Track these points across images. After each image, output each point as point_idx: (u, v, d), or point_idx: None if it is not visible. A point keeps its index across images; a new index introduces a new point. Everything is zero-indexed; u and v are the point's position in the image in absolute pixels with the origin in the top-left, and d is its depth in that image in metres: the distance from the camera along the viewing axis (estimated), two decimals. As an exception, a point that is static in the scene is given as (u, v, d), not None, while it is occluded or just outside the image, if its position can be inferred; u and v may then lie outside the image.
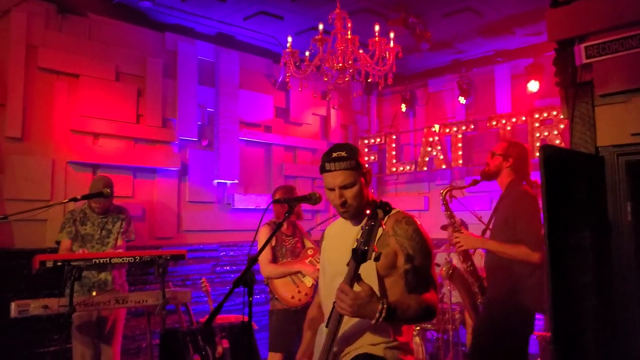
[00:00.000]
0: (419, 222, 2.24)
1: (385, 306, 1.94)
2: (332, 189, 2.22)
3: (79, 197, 3.09)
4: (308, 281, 4.33)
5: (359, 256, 1.89)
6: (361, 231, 1.89)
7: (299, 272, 4.33)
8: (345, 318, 2.09)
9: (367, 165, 2.29)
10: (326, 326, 2.13)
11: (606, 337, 2.66)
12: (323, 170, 2.23)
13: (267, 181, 6.45)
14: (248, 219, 6.02)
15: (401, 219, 2.21)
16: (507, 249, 3.32)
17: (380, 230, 1.96)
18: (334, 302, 2.09)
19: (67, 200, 3.07)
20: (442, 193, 3.86)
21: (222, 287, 5.71)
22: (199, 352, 4.62)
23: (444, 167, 6.62)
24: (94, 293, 4.05)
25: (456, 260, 4.21)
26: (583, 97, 2.94)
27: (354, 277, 1.95)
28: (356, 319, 2.14)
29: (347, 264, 2.00)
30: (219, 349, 4.73)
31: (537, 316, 3.50)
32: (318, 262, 4.32)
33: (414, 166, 6.96)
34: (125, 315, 4.51)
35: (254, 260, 2.10)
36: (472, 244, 3.55)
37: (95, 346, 4.28)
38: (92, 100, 4.99)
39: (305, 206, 6.58)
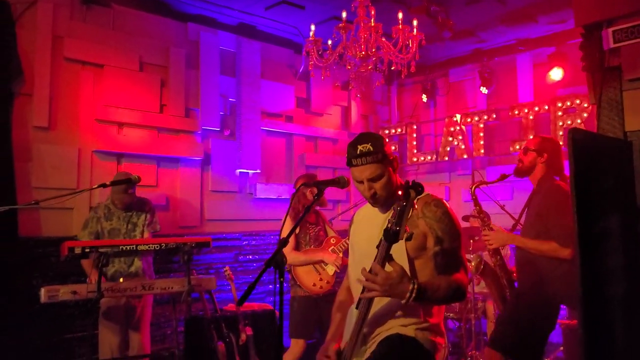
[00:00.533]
0: (447, 205, 2.25)
1: (415, 286, 1.95)
2: (361, 182, 2.25)
3: (107, 182, 3.14)
4: (330, 269, 4.35)
5: (390, 236, 1.89)
6: (392, 212, 1.90)
7: (322, 260, 4.36)
8: (376, 299, 2.11)
9: (393, 154, 2.30)
10: (356, 308, 2.15)
11: (636, 322, 2.64)
12: (350, 164, 2.25)
13: (288, 171, 6.47)
14: (270, 209, 6.05)
15: (430, 201, 2.23)
16: (537, 245, 3.32)
17: (412, 211, 1.96)
18: (363, 289, 2.11)
19: (96, 186, 3.12)
20: (471, 189, 3.85)
21: (245, 275, 5.76)
22: (223, 339, 4.67)
23: (465, 156, 6.59)
24: (121, 280, 4.12)
25: (485, 254, 4.20)
26: (611, 81, 2.92)
27: (385, 257, 1.96)
28: (387, 301, 2.16)
29: (378, 246, 2.01)
30: (243, 336, 4.78)
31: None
32: (340, 251, 4.35)
33: (434, 156, 6.94)
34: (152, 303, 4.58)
35: (284, 242, 2.12)
36: (502, 241, 3.55)
37: (121, 333, 4.35)
38: (117, 90, 5.05)
39: (325, 196, 6.61)
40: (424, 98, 7.18)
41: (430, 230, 2.18)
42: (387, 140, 7.12)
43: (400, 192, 1.92)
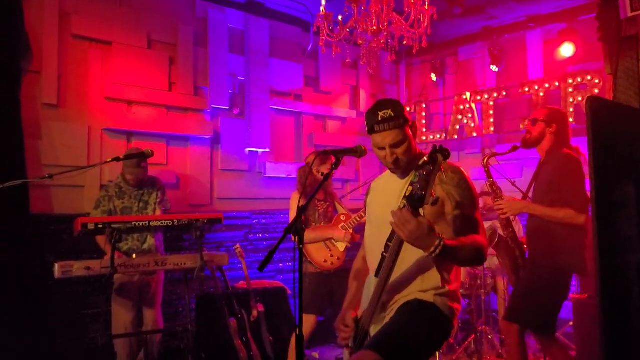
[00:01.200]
0: (464, 171, 2.25)
1: (442, 242, 1.93)
2: (383, 148, 2.24)
3: (121, 156, 3.14)
4: (341, 246, 4.36)
5: (415, 201, 1.86)
6: (416, 177, 1.88)
7: (332, 238, 4.36)
8: (395, 268, 2.10)
9: (411, 119, 2.29)
10: (375, 276, 2.15)
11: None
12: (372, 131, 2.24)
13: (297, 150, 6.46)
14: (279, 188, 6.05)
15: (447, 168, 2.23)
16: (553, 212, 3.32)
17: (438, 174, 1.95)
18: (383, 253, 2.11)
19: (109, 159, 3.11)
20: (483, 161, 3.83)
21: (255, 254, 5.77)
22: (235, 315, 4.70)
23: (474, 135, 6.56)
24: (134, 256, 4.14)
25: (498, 227, 4.19)
26: (628, 51, 2.88)
27: (412, 214, 1.90)
28: (406, 268, 2.16)
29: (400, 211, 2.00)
30: (254, 313, 4.81)
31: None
32: (351, 227, 4.35)
33: (444, 135, 6.91)
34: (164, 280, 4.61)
35: (303, 208, 2.12)
36: (516, 209, 3.52)
37: (135, 310, 4.38)
38: (125, 67, 5.03)
39: (334, 175, 6.61)
40: (433, 77, 7.12)
41: (448, 196, 2.18)
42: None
43: (425, 158, 1.89)
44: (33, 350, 4.10)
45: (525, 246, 3.69)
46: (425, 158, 1.89)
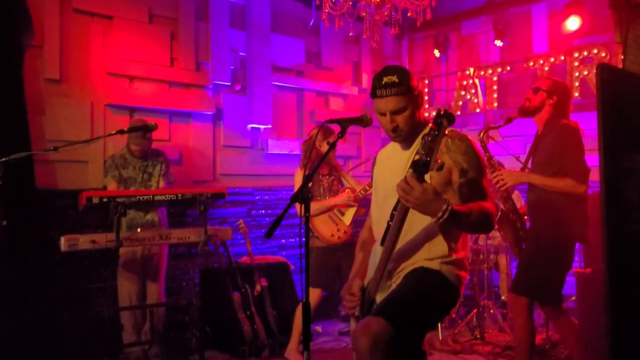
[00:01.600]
0: (471, 139, 2.24)
1: (449, 207, 1.92)
2: (384, 114, 2.22)
3: (125, 129, 3.12)
4: (347, 219, 4.37)
5: (420, 167, 1.85)
6: (421, 143, 1.86)
7: (334, 205, 4.35)
8: (401, 236, 2.10)
9: (418, 89, 2.27)
10: (381, 244, 2.15)
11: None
12: (374, 95, 2.23)
13: (299, 127, 6.43)
14: (282, 164, 6.04)
15: (454, 136, 2.21)
16: (553, 182, 3.31)
17: (445, 141, 1.93)
18: (388, 221, 2.11)
19: (114, 132, 3.10)
20: (479, 135, 3.81)
21: (258, 230, 5.78)
22: (239, 289, 4.73)
23: (478, 110, 6.53)
24: (138, 229, 4.14)
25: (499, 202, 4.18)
26: (637, 19, 2.85)
27: (418, 180, 1.90)
28: (412, 236, 2.16)
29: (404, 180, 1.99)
30: (258, 287, 4.84)
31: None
32: (356, 201, 4.35)
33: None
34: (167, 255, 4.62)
35: (309, 176, 2.12)
36: (515, 179, 3.49)
37: (139, 283, 4.41)
38: (127, 42, 4.99)
39: (337, 152, 6.59)
40: (436, 53, 7.06)
41: (455, 164, 2.17)
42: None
43: (431, 125, 1.88)
44: (40, 324, 4.13)
45: (526, 217, 3.69)
46: (431, 124, 1.87)
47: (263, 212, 5.88)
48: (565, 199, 3.33)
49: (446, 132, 1.86)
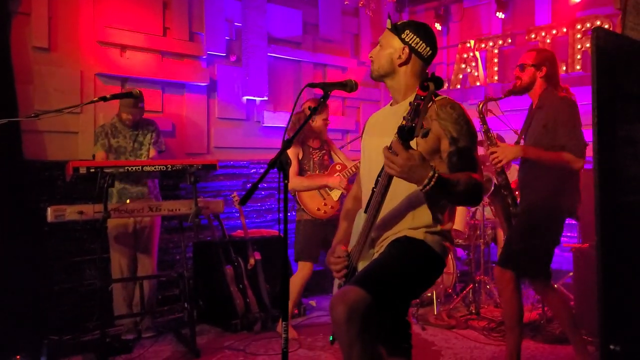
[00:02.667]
0: (464, 107, 2.15)
1: (436, 174, 1.84)
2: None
3: (108, 96, 3.04)
4: (335, 195, 4.32)
5: (405, 133, 1.76)
6: (409, 107, 1.78)
7: (326, 185, 4.30)
8: (385, 204, 2.03)
9: (420, 44, 2.19)
10: (365, 212, 2.08)
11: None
12: None
13: (296, 99, 6.32)
14: (278, 137, 5.96)
15: (445, 103, 2.12)
16: (550, 156, 3.23)
17: (429, 112, 1.85)
18: (373, 188, 2.04)
19: (96, 99, 3.01)
20: (478, 106, 3.72)
21: (253, 203, 5.74)
22: (232, 263, 4.69)
23: (478, 83, 6.41)
24: (127, 201, 4.09)
25: (492, 176, 4.10)
26: (639, -16, 2.73)
27: (403, 146, 1.82)
28: (396, 204, 2.09)
29: (389, 148, 1.92)
30: (251, 261, 4.80)
31: (569, 229, 3.45)
32: (346, 177, 4.29)
33: (446, 85, 6.75)
34: (160, 228, 4.57)
35: (289, 142, 2.04)
36: (511, 154, 3.36)
37: (132, 256, 4.38)
38: (117, 10, 4.88)
39: (334, 125, 6.48)
40: (438, 27, 6.92)
41: (445, 132, 2.07)
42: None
43: (417, 88, 1.79)
44: (29, 297, 4.10)
45: (517, 193, 3.62)
46: (417, 88, 1.79)
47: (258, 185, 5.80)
48: (559, 172, 3.26)
49: (434, 96, 1.77)
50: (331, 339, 2.25)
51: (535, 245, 3.29)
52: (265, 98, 5.87)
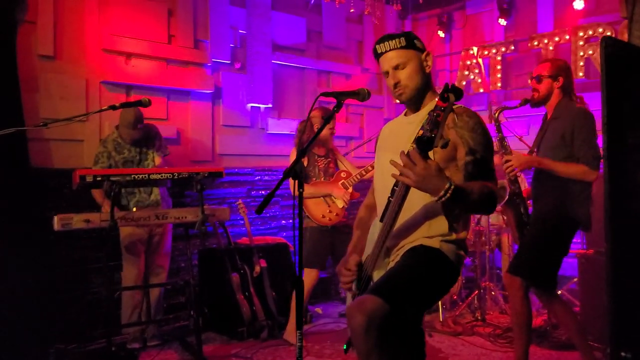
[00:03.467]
0: (479, 115, 2.16)
1: (452, 186, 1.84)
2: (387, 73, 2.18)
3: (117, 104, 3.05)
4: (340, 202, 4.32)
5: (424, 143, 1.77)
6: (427, 117, 1.78)
7: (330, 194, 4.31)
8: (402, 214, 2.03)
9: (425, 48, 2.19)
10: (380, 220, 2.08)
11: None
12: (376, 55, 2.19)
13: (300, 106, 6.34)
14: (282, 144, 5.96)
15: (462, 111, 2.13)
16: (565, 168, 3.25)
17: (452, 117, 1.86)
18: (389, 197, 2.04)
19: (106, 107, 3.03)
20: (494, 115, 3.72)
21: (257, 210, 5.71)
22: (237, 270, 4.69)
23: (481, 90, 6.43)
24: (134, 209, 4.09)
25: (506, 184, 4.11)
26: (646, -8, 2.75)
27: (420, 155, 1.83)
28: (412, 214, 2.09)
29: (407, 154, 1.93)
30: (257, 268, 4.80)
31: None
32: (350, 185, 4.30)
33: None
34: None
35: (303, 152, 2.05)
36: (527, 163, 3.38)
37: (143, 266, 4.36)
38: (123, 18, 4.89)
39: (338, 132, 6.49)
40: (441, 34, 6.95)
41: (462, 141, 2.08)
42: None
43: (437, 99, 1.80)
44: (36, 305, 4.10)
45: (529, 202, 3.63)
46: (437, 99, 1.80)
47: (263, 192, 5.81)
48: (575, 184, 3.28)
49: (453, 107, 1.79)
50: (345, 347, 2.24)
51: (547, 255, 3.31)
52: (270, 105, 5.88)
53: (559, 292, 4.41)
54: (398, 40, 2.13)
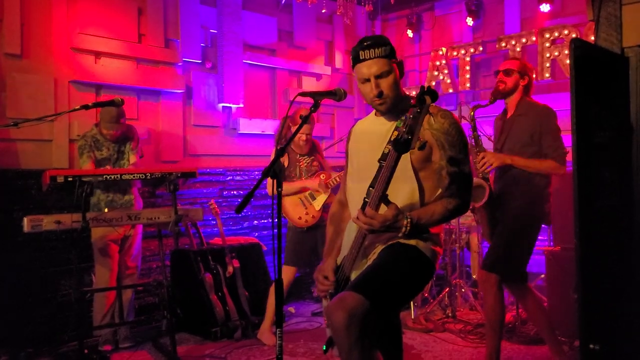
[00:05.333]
0: (455, 115, 2.19)
1: (409, 220, 2.00)
2: (367, 80, 2.15)
3: (90, 104, 3.01)
4: (317, 204, 4.31)
5: (400, 145, 1.79)
6: (403, 120, 1.81)
7: (304, 188, 4.29)
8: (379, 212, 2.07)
9: (399, 56, 2.22)
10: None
11: (626, 232, 2.68)
12: (357, 60, 2.15)
13: (271, 106, 6.34)
14: (254, 144, 5.96)
15: (436, 112, 2.16)
16: (536, 164, 3.36)
17: (427, 118, 1.89)
18: (365, 198, 2.05)
19: (78, 107, 2.98)
20: (470, 113, 3.77)
21: (230, 210, 5.71)
22: (210, 270, 4.67)
23: (450, 91, 6.53)
24: (105, 209, 4.03)
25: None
26: (610, -4, 2.83)
27: (390, 173, 1.93)
28: None
29: (381, 160, 1.95)
30: (230, 269, 4.78)
31: (541, 232, 3.56)
32: (330, 187, 4.28)
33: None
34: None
35: (282, 150, 2.06)
36: (501, 160, 3.45)
37: (116, 267, 4.30)
38: (91, 17, 4.82)
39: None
40: (410, 34, 7.02)
41: (437, 143, 2.11)
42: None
43: (412, 101, 1.83)
44: (4, 308, 4.01)
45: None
46: (413, 101, 1.82)
47: (235, 192, 5.79)
48: (541, 179, 3.40)
49: (429, 109, 1.82)
50: (325, 347, 2.25)
51: (519, 250, 3.43)
52: (241, 105, 5.86)
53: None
54: (383, 49, 2.11)
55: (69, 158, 4.63)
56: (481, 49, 6.33)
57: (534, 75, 5.50)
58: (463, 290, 5.26)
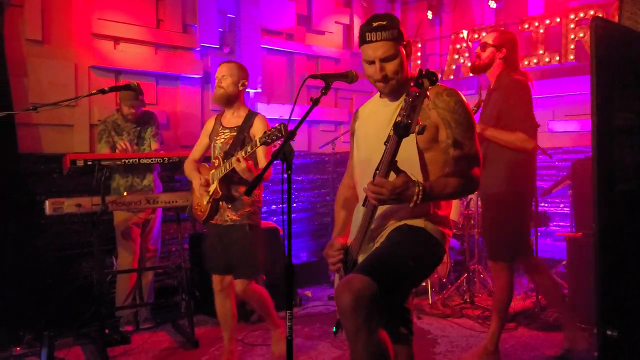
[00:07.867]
0: (461, 94, 2.16)
1: (420, 188, 1.91)
2: (372, 62, 2.13)
3: (106, 88, 3.04)
4: (205, 199, 3.39)
5: (401, 129, 1.78)
6: (404, 104, 1.79)
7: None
8: None
9: (407, 38, 2.19)
10: (363, 205, 2.09)
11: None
12: (363, 41, 2.13)
13: (289, 91, 6.32)
14: (272, 129, 5.95)
15: (442, 91, 2.14)
16: (505, 136, 3.33)
17: (425, 102, 1.86)
18: (373, 175, 2.04)
19: (95, 91, 3.01)
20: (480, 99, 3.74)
21: (248, 195, 5.72)
22: (229, 254, 4.69)
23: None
24: (125, 193, 4.08)
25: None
26: (635, -26, 2.76)
27: (394, 154, 1.88)
28: None
29: (386, 142, 1.93)
30: (247, 252, 4.79)
31: (562, 218, 3.52)
32: (216, 179, 3.32)
33: (439, 75, 6.76)
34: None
35: (292, 133, 2.05)
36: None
37: (137, 251, 4.38)
38: (110, 2, 4.84)
39: (327, 117, 6.49)
40: (430, 15, 6.93)
41: (443, 122, 2.09)
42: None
43: (412, 83, 1.81)
44: (28, 289, 4.10)
45: None
46: (412, 84, 1.80)
47: (252, 177, 5.80)
48: (516, 156, 3.35)
49: (427, 92, 1.80)
50: (334, 329, 2.26)
51: (511, 231, 3.41)
52: (259, 90, 5.86)
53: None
54: (390, 32, 2.07)
55: (89, 143, 4.68)
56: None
57: (557, 56, 5.52)
58: (482, 275, 5.23)
